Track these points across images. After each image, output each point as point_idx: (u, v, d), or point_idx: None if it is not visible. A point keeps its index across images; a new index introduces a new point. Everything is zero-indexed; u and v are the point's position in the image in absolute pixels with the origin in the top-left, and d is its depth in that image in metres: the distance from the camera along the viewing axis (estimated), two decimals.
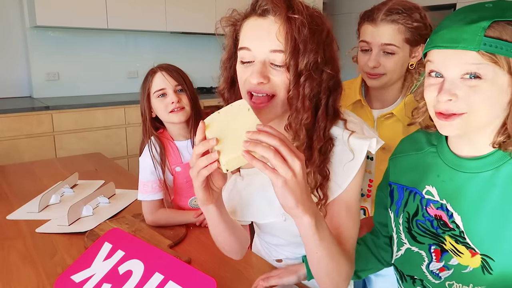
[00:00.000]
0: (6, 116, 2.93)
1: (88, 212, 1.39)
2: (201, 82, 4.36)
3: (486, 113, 0.70)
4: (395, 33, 1.11)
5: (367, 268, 0.98)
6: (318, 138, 0.79)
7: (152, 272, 0.80)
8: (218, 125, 0.68)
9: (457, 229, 0.77)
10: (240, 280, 0.99)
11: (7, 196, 1.60)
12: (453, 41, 0.69)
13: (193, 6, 3.93)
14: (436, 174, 0.81)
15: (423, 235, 0.83)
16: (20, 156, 2.98)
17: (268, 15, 0.74)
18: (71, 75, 3.70)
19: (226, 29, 0.82)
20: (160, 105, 1.25)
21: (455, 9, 4.03)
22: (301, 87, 0.74)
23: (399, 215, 0.88)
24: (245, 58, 0.76)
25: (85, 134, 3.27)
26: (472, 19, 0.68)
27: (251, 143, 0.61)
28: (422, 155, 0.85)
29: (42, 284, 0.99)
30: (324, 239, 0.71)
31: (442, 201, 0.79)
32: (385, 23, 1.11)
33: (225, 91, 0.86)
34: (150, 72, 1.28)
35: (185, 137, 1.32)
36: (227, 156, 0.64)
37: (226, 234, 0.85)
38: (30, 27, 3.43)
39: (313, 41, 0.73)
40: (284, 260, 1.06)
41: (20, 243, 1.20)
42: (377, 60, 1.14)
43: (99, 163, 2.10)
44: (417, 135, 0.89)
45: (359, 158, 0.80)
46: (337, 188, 0.81)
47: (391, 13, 1.11)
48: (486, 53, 0.66)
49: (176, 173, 1.30)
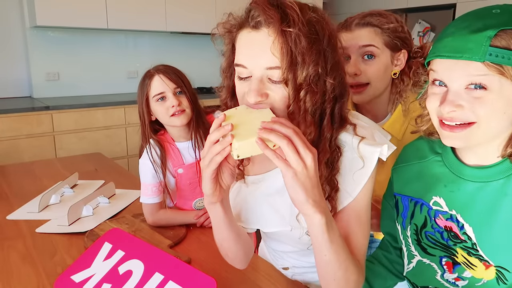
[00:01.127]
0: (6, 116, 2.94)
1: (88, 212, 1.39)
2: (201, 82, 4.37)
3: (493, 125, 0.66)
4: (372, 35, 1.05)
5: (386, 285, 0.96)
6: (324, 150, 0.74)
7: (152, 272, 0.80)
8: (235, 117, 0.69)
9: (469, 241, 0.73)
10: (241, 280, 0.99)
11: (7, 196, 1.60)
12: (457, 51, 0.65)
13: (193, 6, 3.93)
14: (443, 184, 0.77)
15: (434, 247, 0.80)
16: (20, 156, 2.98)
17: (261, 27, 0.68)
18: (71, 75, 3.70)
19: (224, 35, 0.78)
20: (160, 109, 1.24)
21: (455, 9, 4.03)
22: (301, 102, 0.69)
23: (406, 227, 0.85)
24: (242, 74, 0.72)
25: (85, 134, 3.27)
26: (478, 27, 0.64)
27: (265, 130, 0.62)
28: (426, 163, 0.82)
29: (42, 284, 0.99)
30: (334, 242, 0.69)
31: (451, 212, 0.75)
32: (360, 27, 1.06)
33: (228, 100, 0.82)
34: (147, 75, 1.26)
35: (186, 139, 1.31)
36: (240, 140, 0.64)
37: (231, 239, 0.83)
38: (30, 27, 3.43)
39: (312, 52, 0.68)
40: (290, 268, 1.04)
41: (20, 243, 1.20)
42: (356, 65, 1.06)
43: (99, 163, 2.10)
44: (420, 142, 0.86)
45: (369, 166, 0.75)
46: (347, 196, 0.78)
47: (365, 17, 1.07)
48: (492, 63, 0.62)
49: (179, 175, 1.30)
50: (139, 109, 1.28)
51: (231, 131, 0.64)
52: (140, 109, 1.28)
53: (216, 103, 3.18)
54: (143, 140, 1.30)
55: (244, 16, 0.72)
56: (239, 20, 0.73)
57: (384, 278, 0.95)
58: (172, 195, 1.34)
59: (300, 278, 1.04)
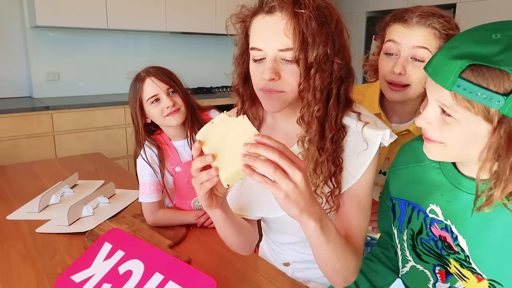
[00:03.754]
0: (6, 116, 2.93)
1: (88, 212, 1.39)
2: (201, 82, 4.38)
3: (459, 151, 0.66)
4: (431, 37, 0.98)
5: (386, 282, 0.96)
6: (330, 127, 0.80)
7: (152, 272, 0.80)
8: (213, 138, 0.66)
9: (462, 253, 0.72)
10: (241, 280, 0.99)
11: (7, 196, 1.60)
12: (434, 71, 0.64)
13: (193, 6, 3.93)
14: (440, 193, 0.76)
15: (428, 254, 0.79)
16: (20, 156, 2.98)
17: (275, 11, 0.74)
18: (71, 75, 3.70)
19: (237, 25, 0.83)
20: (155, 111, 1.24)
21: (455, 9, 4.02)
22: (311, 80, 0.75)
23: (402, 231, 0.84)
24: (257, 56, 0.77)
25: (85, 134, 3.27)
26: (460, 52, 0.61)
27: (250, 157, 0.60)
28: (423, 168, 0.81)
29: (42, 284, 0.98)
30: (330, 241, 0.70)
31: (446, 222, 0.75)
32: (420, 25, 0.98)
33: (239, 86, 0.87)
34: (139, 78, 1.25)
35: (182, 137, 1.31)
36: (226, 172, 0.63)
37: (233, 234, 0.86)
38: (30, 27, 3.43)
39: (321, 34, 0.73)
40: (291, 263, 1.05)
41: (20, 243, 1.20)
42: (403, 65, 1.00)
43: (99, 163, 2.10)
44: (416, 144, 0.84)
45: (372, 148, 0.81)
46: (351, 178, 0.82)
47: (429, 16, 0.99)
48: (460, 95, 0.60)
49: (177, 173, 1.30)
50: (132, 114, 1.28)
51: (214, 161, 0.64)
52: (134, 114, 1.27)
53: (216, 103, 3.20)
54: (137, 145, 1.30)
55: (258, 4, 0.78)
56: (252, 9, 0.79)
57: (384, 276, 0.96)
58: (171, 195, 1.34)
59: (300, 275, 1.05)
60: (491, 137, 0.61)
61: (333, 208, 0.84)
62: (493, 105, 0.58)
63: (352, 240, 0.80)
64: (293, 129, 0.86)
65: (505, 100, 0.57)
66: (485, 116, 0.59)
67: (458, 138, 0.64)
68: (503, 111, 0.58)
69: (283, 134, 0.89)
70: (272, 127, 0.92)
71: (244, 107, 0.89)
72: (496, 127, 0.59)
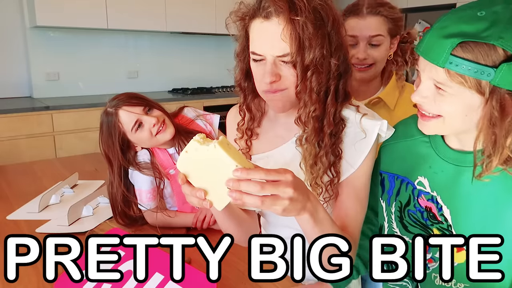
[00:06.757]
0: (6, 116, 2.93)
1: (88, 212, 1.39)
2: (201, 82, 4.38)
3: (456, 122, 0.69)
4: (381, 24, 1.19)
5: None
6: (329, 123, 0.82)
7: (152, 272, 0.80)
8: (195, 170, 0.67)
9: (445, 223, 0.77)
10: (241, 280, 0.99)
11: (7, 196, 1.60)
12: (426, 51, 0.68)
13: (193, 6, 3.93)
14: (428, 165, 0.81)
15: (414, 225, 0.83)
16: (20, 156, 2.98)
17: (272, 17, 0.76)
18: (71, 75, 3.70)
19: (236, 23, 0.85)
20: (144, 135, 1.20)
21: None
22: (308, 81, 0.77)
23: (391, 204, 0.88)
24: (257, 58, 0.80)
25: (85, 134, 3.26)
26: (450, 31, 0.65)
27: (237, 194, 0.61)
28: (413, 142, 0.85)
29: (42, 284, 0.98)
30: (324, 231, 0.72)
31: (433, 193, 0.79)
32: (371, 15, 1.18)
33: (241, 81, 0.91)
34: (108, 115, 1.20)
35: (171, 145, 1.30)
36: (221, 204, 0.66)
37: (232, 229, 0.90)
38: (30, 27, 3.43)
39: (317, 36, 0.75)
40: None
41: None
42: (366, 51, 1.20)
43: (99, 163, 2.09)
44: (409, 121, 0.89)
45: (370, 137, 0.83)
46: (349, 167, 0.84)
47: (377, 6, 1.18)
48: (453, 72, 0.64)
49: (172, 176, 1.30)
50: (114, 153, 1.20)
51: (205, 199, 0.66)
52: (116, 151, 1.20)
53: (216, 103, 3.19)
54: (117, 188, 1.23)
55: (255, 6, 0.80)
56: (251, 9, 0.81)
57: None
58: (171, 199, 1.34)
59: None
60: (484, 107, 0.65)
61: (332, 196, 0.86)
62: (484, 78, 0.62)
63: (348, 229, 0.83)
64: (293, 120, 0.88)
65: (495, 71, 0.62)
66: (477, 89, 0.64)
67: (454, 109, 0.67)
68: (494, 82, 0.62)
69: (284, 125, 0.92)
70: (273, 119, 0.95)
71: (247, 101, 0.93)
72: (488, 98, 0.64)
